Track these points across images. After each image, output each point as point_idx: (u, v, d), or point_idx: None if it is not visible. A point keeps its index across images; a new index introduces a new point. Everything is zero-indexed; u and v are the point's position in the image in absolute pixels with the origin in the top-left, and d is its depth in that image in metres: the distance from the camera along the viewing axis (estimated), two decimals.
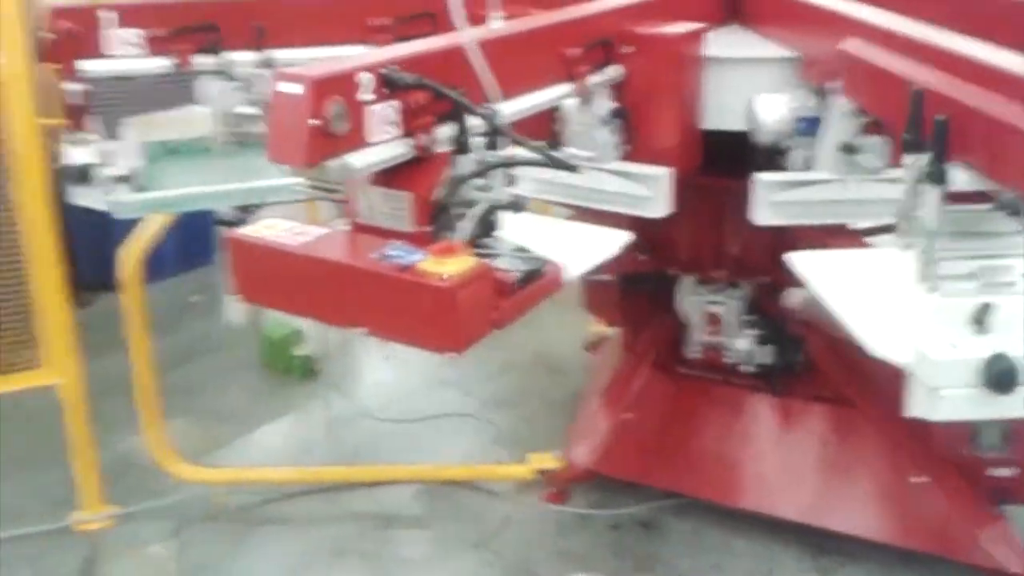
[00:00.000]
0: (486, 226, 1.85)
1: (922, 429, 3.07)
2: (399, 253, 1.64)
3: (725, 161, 2.61)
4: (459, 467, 3.61)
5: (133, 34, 2.61)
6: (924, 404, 1.49)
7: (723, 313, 3.28)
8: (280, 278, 1.80)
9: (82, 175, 2.46)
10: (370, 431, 3.96)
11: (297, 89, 1.60)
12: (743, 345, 3.27)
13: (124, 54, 2.62)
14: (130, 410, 3.67)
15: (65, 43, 2.52)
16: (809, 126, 2.49)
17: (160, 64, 2.64)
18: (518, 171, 2.27)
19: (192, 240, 5.58)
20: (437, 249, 1.64)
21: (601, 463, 3.40)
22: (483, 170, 1.84)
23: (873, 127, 2.28)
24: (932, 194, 1.58)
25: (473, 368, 4.40)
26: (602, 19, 2.46)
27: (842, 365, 3.21)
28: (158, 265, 5.60)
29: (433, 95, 1.80)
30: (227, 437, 3.92)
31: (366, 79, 1.70)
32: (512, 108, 2.02)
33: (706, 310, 3.30)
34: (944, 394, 1.47)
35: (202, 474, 3.48)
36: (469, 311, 1.61)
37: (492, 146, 1.91)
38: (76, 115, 2.56)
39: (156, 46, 2.63)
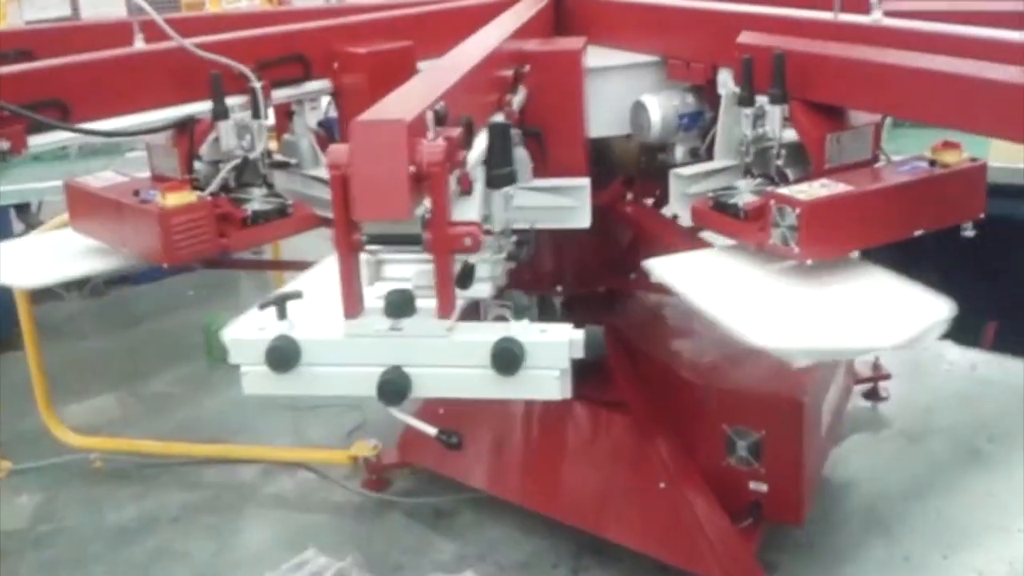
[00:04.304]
0: (253, 176, 2.49)
1: (686, 438, 3.13)
2: (152, 193, 2.28)
3: None
4: (294, 450, 3.93)
5: None
6: None
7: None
8: (88, 211, 2.48)
9: None
10: (254, 415, 4.32)
11: None
12: None
13: None
14: (77, 384, 4.53)
15: None
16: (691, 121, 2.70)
17: None
18: None
19: None
20: (165, 187, 2.25)
21: (407, 453, 3.62)
22: None
23: None
24: None
25: None
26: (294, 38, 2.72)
27: (627, 369, 3.30)
28: None
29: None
30: (139, 413, 4.43)
31: None
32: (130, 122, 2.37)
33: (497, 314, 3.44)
34: (245, 371, 1.66)
35: (81, 441, 3.97)
36: (182, 233, 2.21)
37: (256, 115, 2.47)
38: None
39: None
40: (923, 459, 3.73)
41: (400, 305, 1.58)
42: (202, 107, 2.47)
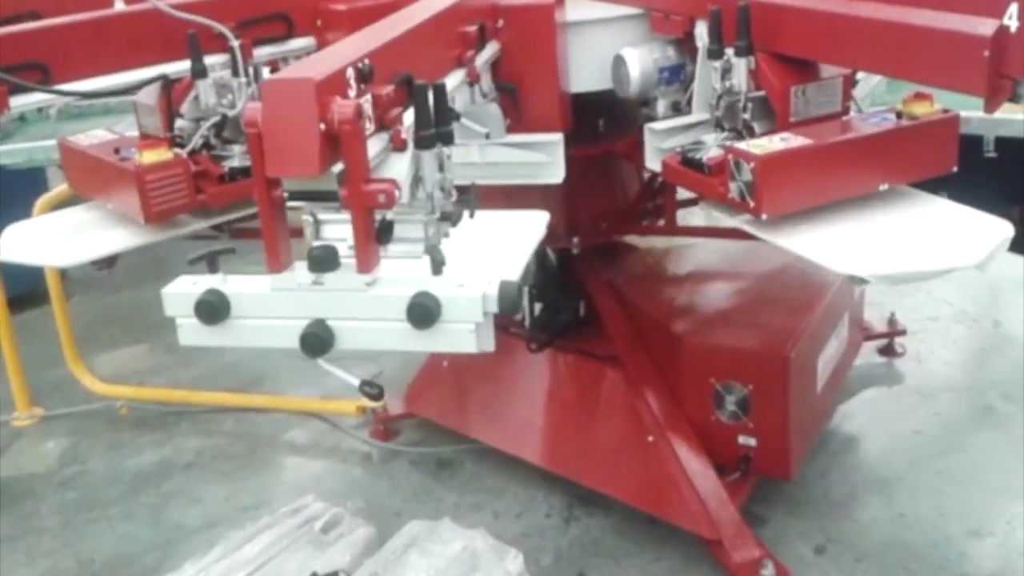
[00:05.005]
0: (235, 134, 2.52)
1: (676, 393, 3.15)
2: (132, 151, 2.37)
3: None
4: (306, 400, 4.03)
5: None
6: None
7: None
8: (79, 169, 2.59)
9: None
10: (279, 365, 4.44)
11: None
12: None
13: None
14: (109, 335, 4.74)
15: None
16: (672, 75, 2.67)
17: None
18: None
19: None
20: (143, 145, 2.35)
21: (411, 405, 3.70)
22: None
23: None
24: None
25: None
26: None
27: (620, 323, 3.31)
28: None
29: None
30: (166, 363, 4.58)
31: None
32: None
33: None
34: (180, 323, 1.72)
35: (108, 389, 4.15)
36: (157, 190, 2.31)
37: (236, 73, 2.53)
38: None
39: None
40: (932, 416, 3.68)
41: (323, 260, 1.62)
42: (185, 66, 2.54)
